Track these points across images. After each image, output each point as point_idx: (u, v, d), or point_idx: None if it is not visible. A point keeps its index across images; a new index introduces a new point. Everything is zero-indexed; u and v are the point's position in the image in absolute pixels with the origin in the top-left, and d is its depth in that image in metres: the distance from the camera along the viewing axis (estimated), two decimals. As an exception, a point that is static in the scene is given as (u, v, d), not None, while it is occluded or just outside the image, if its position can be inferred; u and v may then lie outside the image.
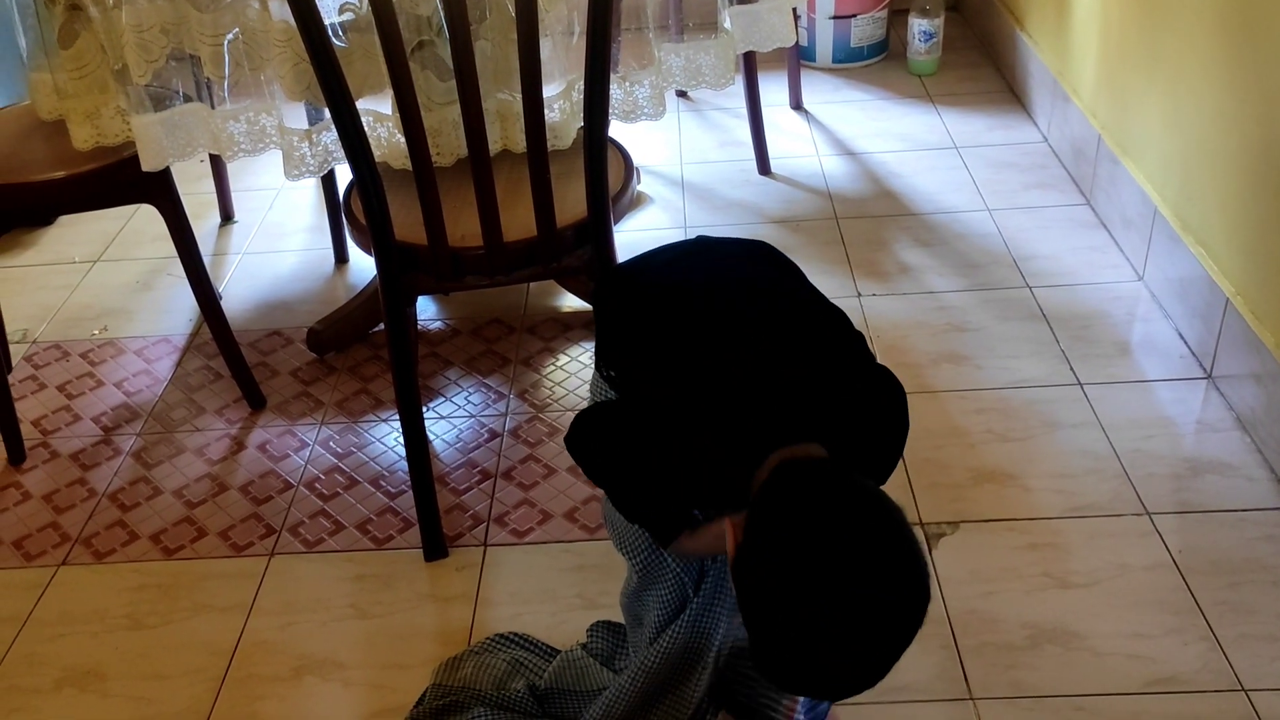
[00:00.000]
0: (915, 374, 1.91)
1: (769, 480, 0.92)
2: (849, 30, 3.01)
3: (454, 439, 1.86)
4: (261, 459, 1.84)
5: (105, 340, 2.16)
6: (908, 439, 1.07)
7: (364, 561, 1.64)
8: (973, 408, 1.84)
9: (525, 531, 1.67)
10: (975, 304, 2.08)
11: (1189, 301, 1.92)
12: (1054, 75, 2.55)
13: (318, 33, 1.27)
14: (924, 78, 2.97)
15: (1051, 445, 1.75)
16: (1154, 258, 2.06)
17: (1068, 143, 2.48)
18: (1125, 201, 2.17)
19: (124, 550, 1.68)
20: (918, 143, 2.66)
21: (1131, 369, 1.89)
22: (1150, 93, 2.06)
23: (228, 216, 2.54)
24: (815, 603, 0.84)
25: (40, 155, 1.75)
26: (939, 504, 1.66)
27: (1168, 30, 1.98)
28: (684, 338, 1.04)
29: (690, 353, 1.02)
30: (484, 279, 1.47)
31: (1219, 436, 1.73)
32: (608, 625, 1.42)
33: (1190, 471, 1.68)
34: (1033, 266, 2.17)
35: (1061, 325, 2.00)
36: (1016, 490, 1.67)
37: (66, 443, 1.90)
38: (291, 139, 1.53)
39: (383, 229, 1.42)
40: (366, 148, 1.38)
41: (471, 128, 1.34)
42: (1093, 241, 2.23)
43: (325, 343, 2.05)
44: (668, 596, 1.18)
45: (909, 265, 2.20)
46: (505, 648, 1.44)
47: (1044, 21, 2.64)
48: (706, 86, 1.72)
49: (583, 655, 1.38)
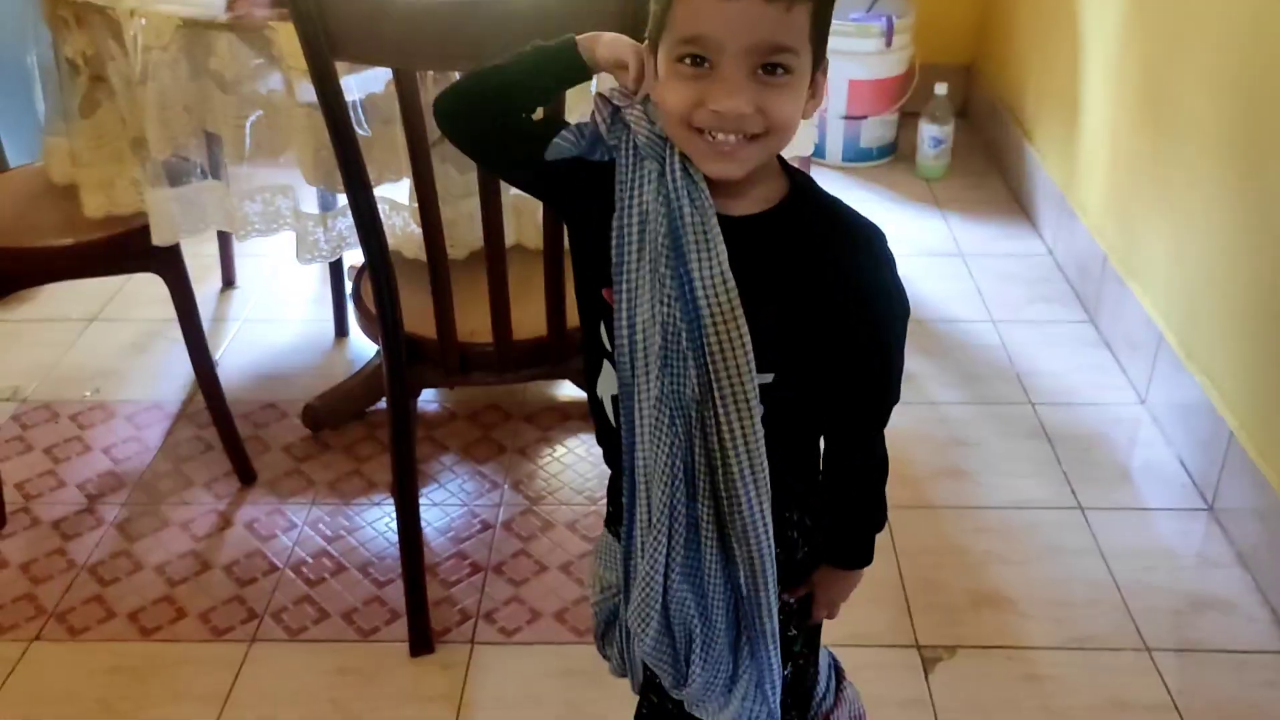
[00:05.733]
0: (915, 488, 1.90)
1: None
2: (859, 130, 3.05)
3: (446, 527, 1.83)
4: (248, 538, 1.80)
5: (96, 403, 2.13)
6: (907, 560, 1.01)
7: (347, 653, 1.59)
8: (973, 526, 1.82)
9: (514, 630, 1.63)
10: (977, 418, 2.08)
11: (1192, 430, 1.92)
12: (1060, 190, 2.58)
13: (342, 120, 1.27)
14: (932, 182, 3.00)
15: (1052, 570, 1.72)
16: (1157, 383, 2.06)
17: (1073, 258, 2.50)
18: (1130, 323, 2.18)
19: (100, 628, 1.63)
20: (923, 248, 2.67)
21: (1133, 495, 1.88)
22: (1157, 219, 2.08)
23: (229, 281, 2.53)
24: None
25: (49, 220, 1.74)
26: (936, 626, 1.63)
27: (1176, 159, 2.00)
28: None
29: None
30: (491, 376, 1.46)
31: (1220, 572, 1.71)
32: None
33: (1191, 607, 1.65)
34: (1035, 383, 2.17)
35: (1063, 445, 1.99)
36: (1015, 617, 1.64)
37: (49, 509, 1.86)
38: (306, 223, 1.53)
39: (393, 321, 1.41)
40: (382, 237, 1.37)
41: (489, 226, 1.33)
42: (1096, 361, 2.23)
43: (321, 420, 2.03)
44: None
45: (911, 373, 2.19)
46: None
47: (1051, 136, 2.67)
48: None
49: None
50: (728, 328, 0.88)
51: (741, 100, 0.82)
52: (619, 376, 0.94)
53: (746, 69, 0.82)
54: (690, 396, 0.91)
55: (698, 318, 0.88)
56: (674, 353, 0.90)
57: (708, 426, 0.91)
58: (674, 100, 0.84)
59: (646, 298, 0.89)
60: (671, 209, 0.88)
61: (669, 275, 0.88)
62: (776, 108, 0.83)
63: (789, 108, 0.84)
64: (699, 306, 0.88)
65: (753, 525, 0.93)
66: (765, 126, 0.84)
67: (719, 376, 0.89)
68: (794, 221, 0.91)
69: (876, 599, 1.67)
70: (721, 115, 0.83)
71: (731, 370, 0.89)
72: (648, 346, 0.90)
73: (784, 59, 0.82)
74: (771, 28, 0.81)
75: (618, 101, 0.90)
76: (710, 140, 0.84)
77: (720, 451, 0.91)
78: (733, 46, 0.81)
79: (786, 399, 0.94)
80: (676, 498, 0.93)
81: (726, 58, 0.82)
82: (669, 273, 0.88)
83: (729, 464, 0.91)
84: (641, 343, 0.90)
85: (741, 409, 0.89)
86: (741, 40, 0.81)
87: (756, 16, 0.80)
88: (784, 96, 0.84)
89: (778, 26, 0.81)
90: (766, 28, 0.81)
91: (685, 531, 0.95)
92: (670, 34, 0.84)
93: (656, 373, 0.90)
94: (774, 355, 0.92)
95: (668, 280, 0.88)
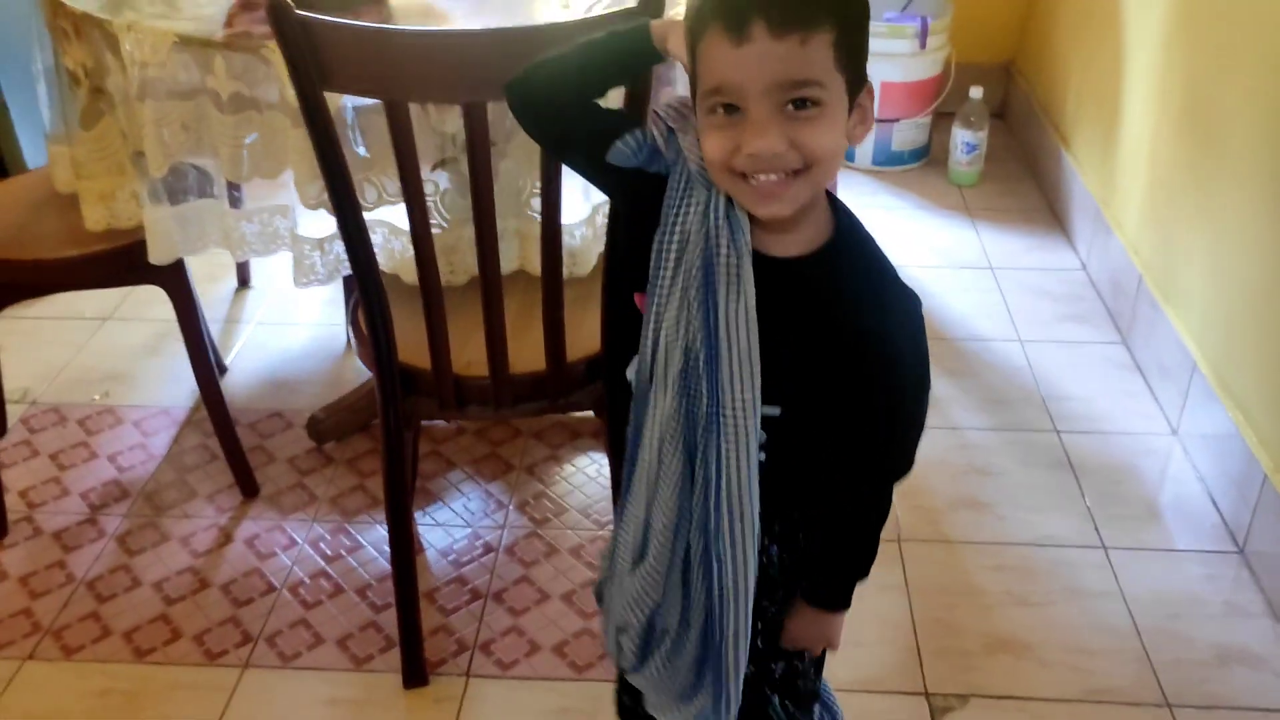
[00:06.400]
0: (931, 519, 1.83)
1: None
2: (891, 134, 2.96)
3: (448, 549, 1.79)
4: (248, 555, 1.77)
5: (105, 407, 2.11)
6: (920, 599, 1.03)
7: (340, 683, 1.56)
8: (991, 563, 1.75)
9: (511, 663, 1.59)
10: (1000, 445, 2.01)
11: (1224, 467, 1.84)
12: (1097, 203, 2.48)
13: (331, 150, 1.22)
14: (964, 188, 2.92)
15: (1071, 615, 1.66)
16: (1190, 413, 1.97)
17: (1107, 275, 2.41)
18: (1163, 348, 2.09)
19: (94, 648, 1.61)
20: (952, 259, 2.59)
21: (1160, 535, 1.80)
22: (1196, 239, 1.99)
23: (244, 282, 2.50)
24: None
25: (51, 230, 1.71)
26: (948, 673, 1.57)
27: (1217, 178, 1.91)
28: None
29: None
30: (488, 411, 1.41)
31: (1249, 623, 1.64)
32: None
33: (1217, 660, 1.58)
34: (1062, 408, 2.09)
35: (1089, 477, 1.92)
36: (1032, 664, 1.58)
37: (51, 519, 1.85)
38: (303, 246, 1.48)
39: (387, 351, 1.37)
40: (374, 265, 1.33)
41: (485, 257, 1.29)
42: (1127, 386, 2.15)
43: (325, 432, 1.99)
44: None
45: (934, 396, 2.10)
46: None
47: (1090, 144, 2.58)
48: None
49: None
50: (741, 367, 0.90)
51: (773, 139, 0.83)
52: (637, 381, 0.98)
53: (774, 107, 0.83)
54: (700, 417, 0.94)
55: (716, 349, 0.91)
56: (692, 373, 0.93)
57: (708, 450, 0.94)
58: (712, 150, 0.86)
59: (673, 317, 0.92)
60: (709, 242, 0.90)
61: (697, 303, 0.91)
62: (811, 140, 0.84)
63: (824, 139, 0.84)
64: (718, 340, 0.91)
65: (731, 553, 0.96)
66: (804, 161, 0.84)
67: (725, 407, 0.92)
68: (832, 270, 0.92)
69: (885, 640, 1.62)
70: (757, 157, 0.84)
71: (739, 405, 0.91)
72: (669, 362, 0.94)
73: (810, 92, 0.82)
74: (788, 65, 0.81)
75: (672, 124, 0.92)
76: (754, 183, 0.85)
77: (716, 477, 0.94)
78: (754, 89, 0.82)
79: (797, 432, 0.97)
80: (683, 508, 0.97)
81: (752, 101, 0.83)
82: (697, 300, 0.91)
83: (720, 491, 0.94)
84: (663, 358, 0.94)
85: (740, 443, 0.92)
86: (761, 82, 0.82)
87: (772, 56, 0.81)
88: (817, 129, 0.84)
89: (795, 62, 0.81)
90: (783, 66, 0.81)
91: (684, 542, 0.99)
92: (700, 88, 0.86)
93: (674, 388, 0.94)
94: (785, 390, 0.94)
95: (694, 307, 0.91)
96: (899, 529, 1.81)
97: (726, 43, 0.81)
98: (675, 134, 0.92)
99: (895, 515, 1.84)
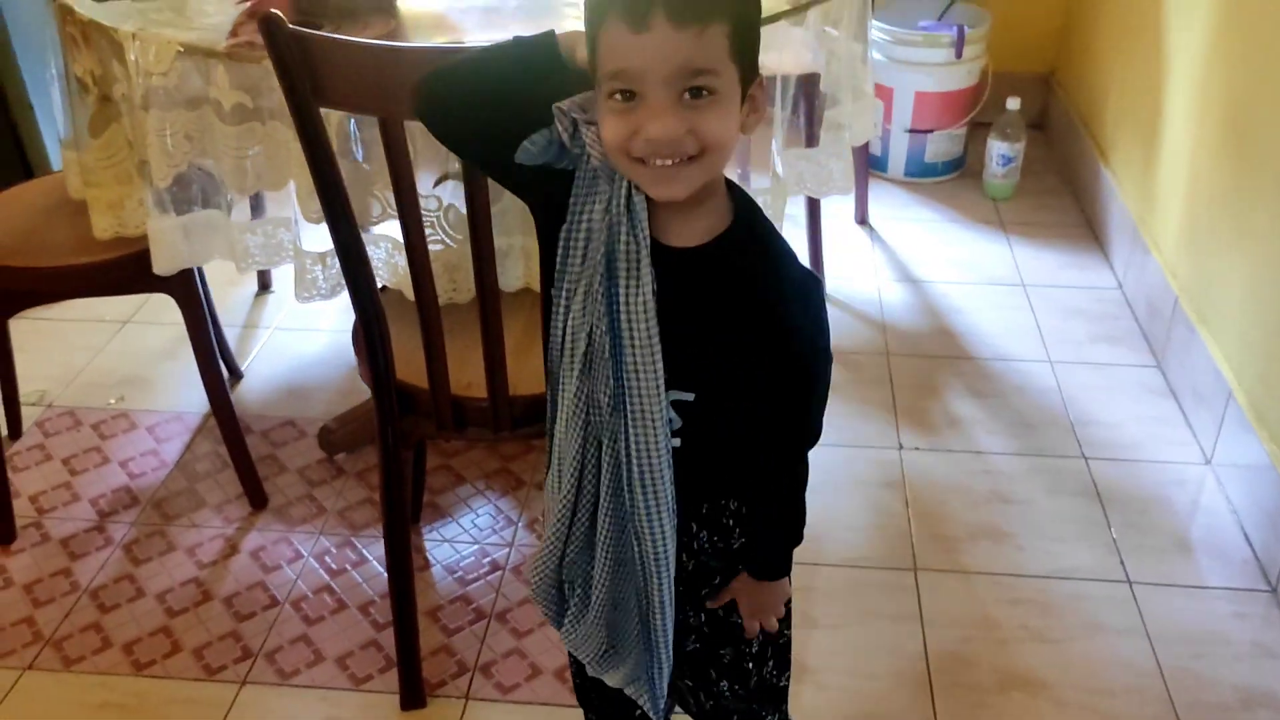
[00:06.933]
0: (950, 548, 1.78)
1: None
2: (924, 145, 2.90)
3: (454, 566, 1.77)
4: (252, 568, 1.76)
5: (119, 411, 2.11)
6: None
7: (338, 702, 1.54)
8: (1009, 596, 1.70)
9: (511, 687, 1.56)
10: (1024, 471, 1.94)
11: (1258, 500, 1.77)
12: (1135, 220, 2.41)
13: (327, 167, 1.20)
14: (999, 201, 2.85)
15: (1091, 652, 1.60)
16: (1225, 443, 1.90)
17: (1143, 296, 2.33)
18: (1198, 374, 2.02)
19: (94, 659, 1.60)
20: (984, 275, 2.53)
21: (1188, 570, 1.74)
22: (1235, 263, 1.92)
23: (265, 286, 2.50)
24: None
25: (62, 236, 1.70)
26: (959, 710, 1.52)
27: (1258, 201, 1.84)
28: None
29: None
30: (487, 432, 1.38)
31: (1277, 666, 1.57)
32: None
33: (1241, 704, 1.52)
34: (1091, 434, 2.02)
35: (1116, 507, 1.86)
36: (1048, 705, 1.53)
37: (60, 525, 1.84)
38: (305, 260, 1.46)
39: (384, 369, 1.34)
40: (371, 284, 1.31)
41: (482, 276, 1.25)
42: (1160, 412, 2.08)
43: (337, 444, 1.98)
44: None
45: (959, 417, 2.06)
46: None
47: (1129, 158, 2.50)
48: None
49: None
50: (643, 353, 0.94)
51: (671, 124, 0.85)
52: (548, 367, 1.02)
53: (672, 95, 0.85)
54: (605, 401, 0.97)
55: (619, 335, 0.95)
56: (597, 358, 0.97)
57: (617, 432, 0.98)
58: (611, 134, 0.88)
59: (579, 305, 0.96)
60: (611, 233, 0.93)
61: (600, 292, 0.94)
62: (707, 127, 0.86)
63: (719, 126, 0.87)
64: (620, 328, 0.94)
65: (649, 530, 0.99)
66: (700, 147, 0.87)
67: (631, 392, 0.95)
68: (731, 257, 0.95)
69: (896, 673, 1.57)
70: (655, 141, 0.86)
71: (644, 389, 0.95)
72: (574, 347, 0.97)
73: (706, 81, 0.85)
74: (688, 53, 0.83)
75: (576, 116, 0.92)
76: (651, 167, 0.87)
77: (626, 459, 0.98)
78: (653, 76, 0.84)
79: (710, 415, 1.00)
80: (584, 483, 1.02)
81: (650, 87, 0.85)
82: (600, 290, 0.94)
83: (631, 472, 0.98)
84: (569, 343, 0.98)
85: (648, 427, 0.96)
86: (661, 69, 0.84)
87: (671, 44, 0.83)
88: (713, 116, 0.86)
89: (693, 51, 0.83)
90: (683, 54, 0.83)
91: (588, 513, 1.03)
92: (599, 74, 0.87)
93: (578, 372, 0.97)
94: (699, 376, 0.97)
95: (599, 296, 0.94)
96: (914, 557, 1.76)
97: (627, 30, 0.83)
98: (580, 129, 0.92)
99: (910, 543, 1.79)
